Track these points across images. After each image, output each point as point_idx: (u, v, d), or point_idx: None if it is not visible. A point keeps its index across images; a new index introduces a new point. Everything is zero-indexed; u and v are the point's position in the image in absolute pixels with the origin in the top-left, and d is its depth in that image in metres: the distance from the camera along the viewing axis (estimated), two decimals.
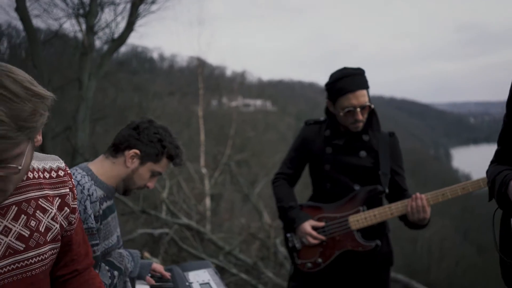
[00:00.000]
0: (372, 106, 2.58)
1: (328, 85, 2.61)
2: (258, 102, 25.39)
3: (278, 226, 7.43)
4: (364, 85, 2.54)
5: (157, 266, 2.38)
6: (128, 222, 7.21)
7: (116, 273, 2.02)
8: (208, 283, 2.25)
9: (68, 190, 1.49)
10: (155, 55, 32.45)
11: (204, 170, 10.48)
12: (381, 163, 2.60)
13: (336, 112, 2.60)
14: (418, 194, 2.47)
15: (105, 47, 12.18)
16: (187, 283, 2.23)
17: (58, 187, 1.46)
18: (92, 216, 1.91)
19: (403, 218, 2.57)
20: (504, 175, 1.76)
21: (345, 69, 2.57)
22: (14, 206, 1.31)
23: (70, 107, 12.21)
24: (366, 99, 2.53)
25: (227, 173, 10.25)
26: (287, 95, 42.41)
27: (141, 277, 2.28)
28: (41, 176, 1.43)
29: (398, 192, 2.66)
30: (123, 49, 21.01)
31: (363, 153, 2.63)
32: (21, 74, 1.13)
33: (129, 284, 2.17)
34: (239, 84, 18.23)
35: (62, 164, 1.51)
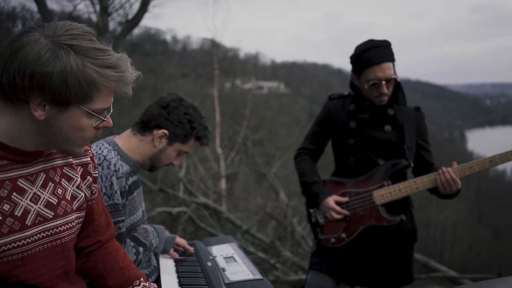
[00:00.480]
0: (398, 79, 2.54)
1: (353, 57, 2.57)
2: (272, 84, 25.26)
3: (295, 205, 7.46)
4: (390, 57, 2.49)
5: (181, 240, 2.38)
6: (146, 201, 7.29)
7: (141, 249, 2.02)
8: (232, 257, 2.24)
9: (89, 159, 1.51)
10: (168, 37, 32.45)
11: (219, 151, 10.51)
12: (406, 137, 2.56)
13: (360, 85, 2.56)
14: (444, 168, 2.43)
15: (119, 29, 12.17)
16: (210, 257, 2.24)
17: (80, 156, 1.48)
18: (118, 192, 1.90)
19: (434, 191, 2.54)
20: None
21: (371, 40, 2.52)
22: (42, 173, 1.32)
23: None
24: (392, 72, 2.48)
25: (243, 153, 10.26)
26: (301, 77, 42.14)
27: (165, 251, 2.28)
28: None
29: (424, 167, 2.63)
30: (136, 31, 20.96)
31: (388, 127, 2.59)
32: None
33: (153, 257, 2.18)
34: (252, 66, 18.12)
35: None
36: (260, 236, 6.28)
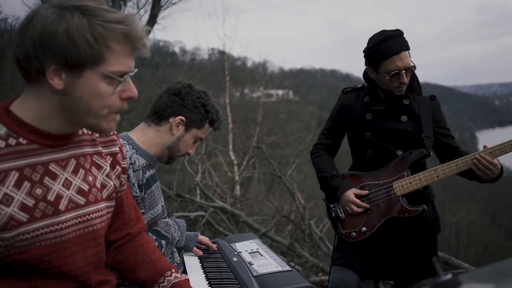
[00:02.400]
0: (415, 66, 2.52)
1: (368, 50, 2.54)
2: (280, 92, 25.29)
3: (311, 207, 7.47)
4: (406, 46, 2.47)
5: (203, 238, 2.38)
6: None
7: (163, 242, 1.99)
8: (257, 251, 2.24)
9: (117, 149, 1.49)
10: (176, 49, 32.68)
11: (233, 157, 10.56)
12: (423, 126, 2.53)
13: (379, 77, 2.53)
14: (477, 155, 2.39)
15: None
16: (235, 253, 2.23)
17: (109, 146, 1.47)
18: (136, 184, 1.88)
19: (468, 175, 2.51)
20: None
21: (384, 31, 2.51)
22: (72, 159, 1.31)
23: None
24: (410, 60, 2.46)
25: (257, 157, 10.27)
26: (309, 84, 42.17)
27: (188, 249, 2.28)
28: (93, 133, 1.42)
29: (450, 152, 2.59)
30: None
31: (404, 118, 2.56)
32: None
33: (176, 254, 2.17)
34: (261, 75, 18.20)
35: None
36: (279, 239, 6.29)
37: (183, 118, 2.00)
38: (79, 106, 1.20)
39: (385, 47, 2.44)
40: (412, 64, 2.47)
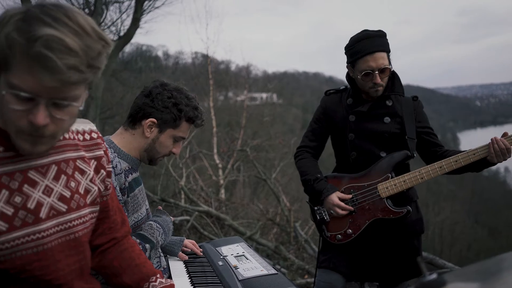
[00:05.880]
0: (392, 69, 2.52)
1: (347, 48, 2.55)
2: (264, 95, 25.34)
3: (296, 209, 7.48)
4: (384, 47, 2.47)
5: (189, 242, 2.36)
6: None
7: (148, 246, 1.96)
8: (243, 255, 2.23)
9: (102, 152, 1.46)
10: (160, 53, 32.52)
11: (217, 160, 10.55)
12: (406, 128, 2.54)
13: (355, 76, 2.54)
14: (497, 138, 2.38)
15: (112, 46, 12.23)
16: (221, 256, 2.22)
17: (93, 149, 1.43)
18: (118, 188, 1.86)
19: (456, 171, 2.51)
20: None
21: (365, 31, 2.52)
22: (53, 166, 1.27)
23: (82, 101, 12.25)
24: (386, 62, 2.46)
25: (241, 161, 10.28)
26: (293, 87, 42.35)
27: (173, 254, 2.26)
28: (76, 137, 1.39)
29: (435, 151, 2.61)
30: (128, 48, 21.07)
31: (387, 119, 2.57)
32: (87, 16, 1.13)
33: (163, 259, 2.14)
34: (245, 78, 18.24)
35: (94, 127, 1.47)
36: (264, 242, 6.29)
37: (154, 120, 1.97)
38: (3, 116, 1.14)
39: (361, 46, 2.45)
40: (387, 66, 2.47)
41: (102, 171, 1.45)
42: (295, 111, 33.37)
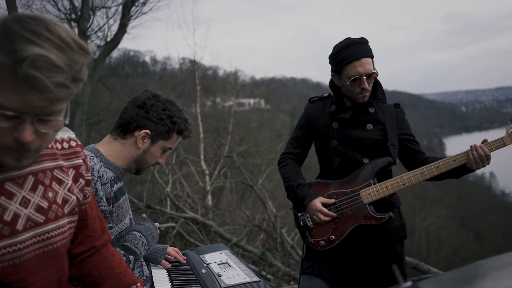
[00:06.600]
0: (377, 73, 2.56)
1: (332, 56, 2.59)
2: (252, 101, 25.39)
3: (283, 215, 7.49)
4: (369, 53, 2.52)
5: (172, 250, 2.35)
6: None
7: (132, 257, 1.95)
8: (226, 262, 2.22)
9: (81, 161, 1.44)
10: (147, 59, 32.44)
11: (204, 166, 10.53)
12: (389, 134, 2.57)
13: (342, 83, 2.57)
14: (476, 145, 2.42)
15: (98, 52, 12.20)
16: (204, 264, 2.21)
17: (71, 158, 1.41)
18: (104, 198, 1.84)
19: (437, 178, 2.54)
20: None
21: (348, 39, 2.55)
22: (31, 176, 1.25)
23: (65, 113, 12.18)
24: (372, 67, 2.51)
25: (228, 167, 10.27)
26: (281, 93, 42.53)
27: (156, 262, 2.25)
28: (54, 146, 1.37)
29: (416, 158, 2.64)
30: (115, 54, 21.00)
31: (369, 126, 2.60)
32: (66, 27, 1.10)
33: (145, 268, 2.13)
34: (232, 84, 18.29)
35: (73, 135, 1.45)
36: (250, 248, 6.28)
37: (148, 131, 1.97)
38: None
39: (347, 52, 2.49)
40: (373, 71, 2.51)
41: (81, 180, 1.43)
42: (282, 117, 33.48)
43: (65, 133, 1.44)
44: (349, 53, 2.49)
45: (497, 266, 0.89)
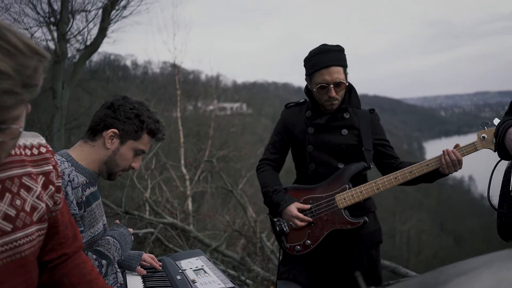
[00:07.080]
0: (347, 83, 2.57)
1: (305, 60, 2.60)
2: (234, 105, 25.40)
3: (263, 220, 7.49)
4: (340, 62, 2.52)
5: (147, 256, 2.34)
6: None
7: (104, 262, 1.94)
8: (202, 269, 2.22)
9: (51, 167, 1.41)
10: (128, 63, 32.18)
11: (184, 171, 10.48)
12: (363, 140, 2.60)
13: (312, 89, 2.60)
14: (448, 149, 2.47)
15: (78, 56, 12.09)
16: (180, 270, 2.21)
17: (41, 165, 1.38)
18: (75, 202, 1.83)
19: (411, 182, 2.57)
20: (504, 123, 1.84)
21: (324, 45, 2.57)
22: None
23: (44, 117, 12.00)
24: (341, 76, 2.51)
25: (208, 172, 10.25)
26: (262, 97, 42.66)
27: (131, 268, 2.24)
28: (23, 153, 1.34)
29: (390, 163, 2.67)
30: (95, 58, 20.80)
31: (344, 131, 2.62)
32: (18, 31, 1.07)
33: (120, 275, 2.11)
34: (214, 88, 18.27)
35: (43, 141, 1.42)
36: (230, 254, 6.26)
37: (115, 130, 1.96)
38: None
39: (317, 59, 2.51)
40: (342, 80, 2.52)
41: (51, 186, 1.40)
42: (264, 121, 33.54)
43: (35, 139, 1.41)
44: (319, 60, 2.50)
45: (458, 272, 0.90)
